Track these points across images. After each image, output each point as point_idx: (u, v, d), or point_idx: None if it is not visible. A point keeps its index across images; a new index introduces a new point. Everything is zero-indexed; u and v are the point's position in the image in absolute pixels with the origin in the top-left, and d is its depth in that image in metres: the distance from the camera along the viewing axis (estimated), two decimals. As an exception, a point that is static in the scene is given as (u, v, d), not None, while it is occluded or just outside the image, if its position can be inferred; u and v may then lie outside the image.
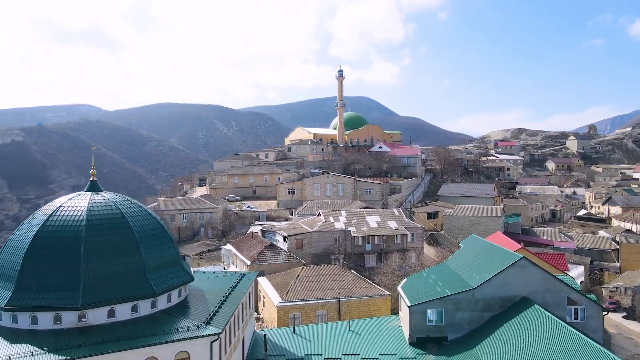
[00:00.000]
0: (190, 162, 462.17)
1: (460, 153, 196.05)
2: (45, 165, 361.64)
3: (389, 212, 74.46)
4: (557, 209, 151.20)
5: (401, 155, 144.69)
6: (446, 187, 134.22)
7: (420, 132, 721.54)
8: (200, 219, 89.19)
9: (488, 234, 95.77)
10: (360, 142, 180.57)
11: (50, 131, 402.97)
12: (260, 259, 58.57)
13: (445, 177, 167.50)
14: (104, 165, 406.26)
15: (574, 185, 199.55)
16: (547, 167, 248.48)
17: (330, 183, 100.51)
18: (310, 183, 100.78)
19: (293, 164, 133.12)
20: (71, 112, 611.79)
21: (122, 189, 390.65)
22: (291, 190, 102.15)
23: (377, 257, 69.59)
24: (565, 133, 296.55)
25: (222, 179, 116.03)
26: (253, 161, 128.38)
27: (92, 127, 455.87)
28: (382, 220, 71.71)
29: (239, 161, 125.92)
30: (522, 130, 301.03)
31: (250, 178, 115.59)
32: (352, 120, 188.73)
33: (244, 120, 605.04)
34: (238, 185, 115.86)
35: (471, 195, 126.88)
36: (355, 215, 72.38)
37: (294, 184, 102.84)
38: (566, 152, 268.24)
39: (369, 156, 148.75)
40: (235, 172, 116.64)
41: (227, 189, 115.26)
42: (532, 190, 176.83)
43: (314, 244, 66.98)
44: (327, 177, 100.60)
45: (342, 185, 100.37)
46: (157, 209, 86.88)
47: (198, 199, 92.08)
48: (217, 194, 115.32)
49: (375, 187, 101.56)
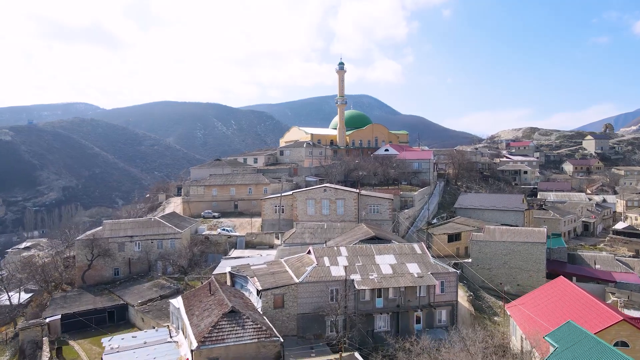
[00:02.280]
0: (187, 162, 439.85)
1: (474, 155, 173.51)
2: (34, 166, 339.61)
3: (407, 248, 52.15)
4: (590, 221, 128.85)
5: (411, 160, 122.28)
6: (465, 198, 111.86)
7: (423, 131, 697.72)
8: (159, 247, 67.31)
9: (530, 265, 73.85)
10: (364, 144, 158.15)
11: (40, 130, 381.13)
12: (213, 337, 36.55)
13: (459, 184, 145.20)
14: (96, 165, 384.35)
15: (600, 190, 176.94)
16: (564, 169, 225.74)
17: (328, 198, 78.29)
18: (303, 198, 78.54)
19: (286, 171, 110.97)
20: (68, 111, 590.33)
21: (115, 190, 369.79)
22: (279, 207, 80.00)
23: (392, 319, 47.43)
24: (581, 132, 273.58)
25: (197, 190, 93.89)
26: (237, 168, 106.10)
27: (85, 125, 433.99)
28: (399, 261, 49.52)
29: (220, 168, 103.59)
30: (535, 129, 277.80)
31: (232, 190, 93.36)
32: (354, 119, 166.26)
33: (243, 118, 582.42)
34: (217, 198, 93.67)
35: (495, 207, 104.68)
36: (361, 254, 50.18)
37: (283, 198, 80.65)
38: (583, 152, 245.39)
39: (373, 160, 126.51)
40: (214, 183, 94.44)
41: (203, 203, 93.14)
42: (556, 198, 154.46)
43: (300, 300, 44.90)
44: (323, 192, 78.37)
45: (343, 201, 78.15)
46: (99, 235, 64.97)
47: (157, 220, 69.93)
48: (192, 209, 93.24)
49: (383, 203, 79.25)
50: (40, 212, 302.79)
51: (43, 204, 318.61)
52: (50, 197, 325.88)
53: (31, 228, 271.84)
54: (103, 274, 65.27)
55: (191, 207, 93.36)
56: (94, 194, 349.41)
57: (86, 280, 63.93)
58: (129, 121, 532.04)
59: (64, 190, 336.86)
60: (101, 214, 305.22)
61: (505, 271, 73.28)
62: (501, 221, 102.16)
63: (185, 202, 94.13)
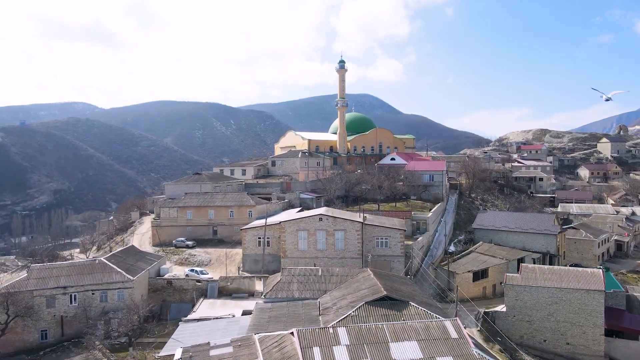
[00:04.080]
0: (185, 163, 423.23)
1: (487, 162, 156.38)
2: (24, 168, 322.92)
3: (437, 329, 35.14)
4: (624, 240, 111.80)
5: (422, 172, 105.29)
6: (485, 217, 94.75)
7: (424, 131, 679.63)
8: (102, 300, 50.63)
9: (584, 319, 56.50)
10: (367, 150, 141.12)
11: (33, 131, 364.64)
12: None
13: (473, 195, 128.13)
14: (90, 167, 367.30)
15: (624, 200, 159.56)
16: (580, 174, 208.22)
17: (324, 230, 61.32)
18: (293, 229, 61.60)
19: (277, 185, 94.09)
20: (66, 110, 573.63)
21: (110, 193, 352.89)
22: (263, 240, 63.19)
23: None
24: (595, 134, 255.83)
25: (169, 213, 76.99)
26: (220, 183, 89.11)
27: (81, 126, 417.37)
28: (426, 355, 32.57)
29: (199, 185, 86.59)
30: (545, 131, 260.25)
31: (210, 212, 76.51)
32: (356, 122, 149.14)
33: (243, 118, 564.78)
34: (193, 222, 76.78)
35: (522, 229, 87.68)
36: (369, 341, 33.28)
37: (269, 228, 63.75)
38: (598, 156, 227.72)
39: (378, 171, 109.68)
40: (189, 204, 77.55)
41: (176, 228, 76.33)
42: (579, 210, 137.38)
43: None
44: (319, 221, 61.42)
45: (343, 232, 61.23)
46: (20, 287, 48.09)
47: (101, 264, 52.25)
48: (162, 235, 76.46)
49: (394, 235, 62.22)
50: (29, 217, 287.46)
51: (33, 208, 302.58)
52: (41, 200, 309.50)
53: (19, 234, 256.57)
54: (25, 338, 48.48)
55: (161, 234, 76.59)
56: (87, 197, 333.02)
57: (0, 348, 47.14)
58: (126, 121, 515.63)
59: (55, 193, 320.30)
60: (94, 217, 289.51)
61: (550, 325, 56.19)
62: (530, 246, 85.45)
63: (155, 227, 77.24)
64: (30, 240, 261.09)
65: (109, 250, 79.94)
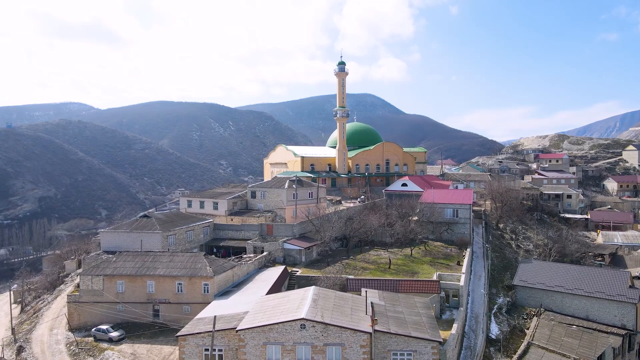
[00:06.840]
0: (180, 167, 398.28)
1: (512, 180, 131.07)
2: (7, 174, 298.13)
3: None
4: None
5: (443, 205, 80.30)
6: (528, 270, 69.89)
7: (427, 130, 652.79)
8: None
9: None
10: (372, 167, 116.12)
11: (19, 134, 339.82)
12: None
13: (501, 226, 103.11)
14: (79, 172, 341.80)
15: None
16: (607, 187, 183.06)
17: (309, 344, 36.65)
18: (257, 343, 36.64)
19: (255, 229, 69.26)
20: (61, 111, 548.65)
21: (99, 200, 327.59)
22: (210, 353, 38.38)
23: None
24: (619, 141, 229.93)
25: (92, 283, 52.46)
26: (175, 229, 64.17)
27: (72, 128, 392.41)
28: None
29: (147, 233, 61.62)
30: (563, 136, 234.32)
31: (149, 284, 52.02)
32: (358, 134, 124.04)
33: (241, 119, 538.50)
34: (125, 297, 52.16)
35: (586, 293, 63.05)
36: None
37: (222, 335, 39.08)
38: (625, 165, 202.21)
39: (386, 200, 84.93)
40: (119, 271, 52.79)
41: (101, 307, 51.78)
42: (624, 240, 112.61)
43: None
44: (299, 330, 36.67)
45: (340, 348, 36.65)
46: None
47: None
48: (81, 316, 51.88)
49: (422, 349, 37.49)
50: (10, 227, 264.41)
51: (16, 216, 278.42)
52: (24, 209, 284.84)
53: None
54: None
55: (81, 313, 51.92)
56: (75, 204, 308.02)
57: None
58: (122, 122, 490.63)
59: (40, 201, 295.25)
60: (81, 226, 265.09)
61: None
62: (596, 317, 60.88)
63: (73, 304, 52.49)
64: (10, 252, 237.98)
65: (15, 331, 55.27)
